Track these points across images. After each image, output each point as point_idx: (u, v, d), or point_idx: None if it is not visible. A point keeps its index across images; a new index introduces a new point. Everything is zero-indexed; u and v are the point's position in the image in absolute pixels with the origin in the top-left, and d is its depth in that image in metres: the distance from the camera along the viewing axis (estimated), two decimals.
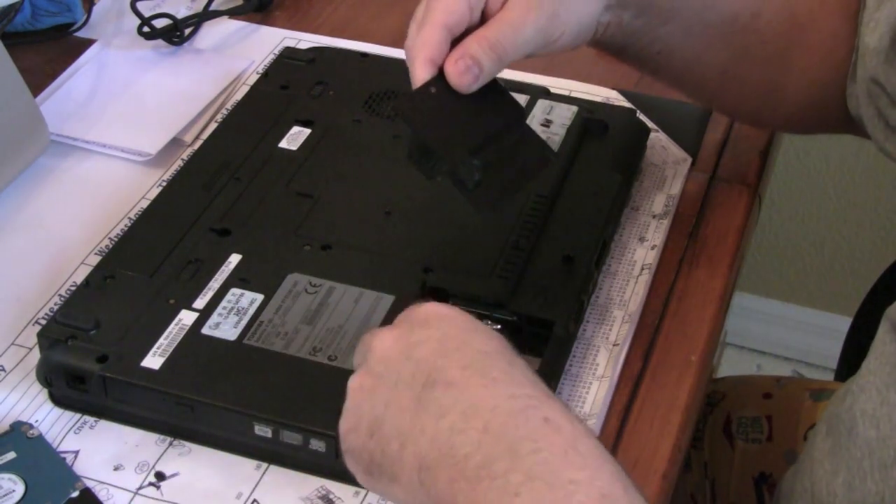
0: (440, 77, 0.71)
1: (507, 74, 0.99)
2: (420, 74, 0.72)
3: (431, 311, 0.62)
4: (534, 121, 0.89)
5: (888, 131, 0.78)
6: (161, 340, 0.72)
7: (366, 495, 0.68)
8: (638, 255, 0.83)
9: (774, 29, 0.80)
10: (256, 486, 0.69)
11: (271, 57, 1.02)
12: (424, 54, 0.72)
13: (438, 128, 0.71)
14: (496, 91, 0.73)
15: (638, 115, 0.92)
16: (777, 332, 1.93)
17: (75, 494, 0.68)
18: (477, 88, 0.71)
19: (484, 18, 0.72)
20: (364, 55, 0.98)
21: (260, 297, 0.75)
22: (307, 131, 0.89)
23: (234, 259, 0.78)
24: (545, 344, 0.73)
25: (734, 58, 0.81)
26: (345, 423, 0.61)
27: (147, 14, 1.03)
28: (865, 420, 0.73)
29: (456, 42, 0.72)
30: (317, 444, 0.67)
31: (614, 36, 0.78)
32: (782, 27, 0.81)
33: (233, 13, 1.08)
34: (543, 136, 0.87)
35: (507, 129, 0.73)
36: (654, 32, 0.79)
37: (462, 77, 0.71)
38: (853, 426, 0.74)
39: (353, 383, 0.61)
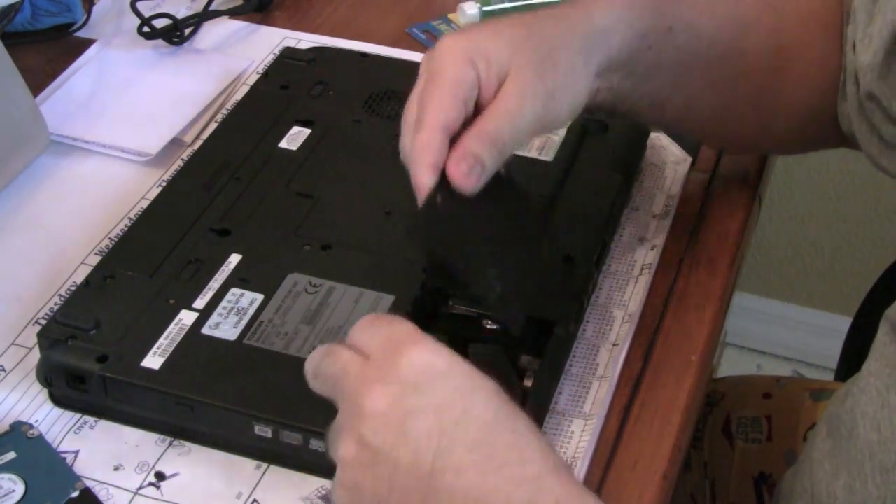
0: (442, 181, 0.68)
1: None
2: (425, 182, 0.68)
3: (423, 367, 0.59)
4: None
5: (882, 146, 0.78)
6: (161, 340, 0.72)
7: None
8: (638, 255, 0.83)
9: (761, 64, 0.80)
10: (256, 486, 0.69)
11: (271, 57, 1.02)
12: (426, 160, 0.68)
13: (453, 246, 0.70)
14: (499, 183, 0.71)
15: None
16: (777, 332, 1.93)
17: (75, 494, 0.68)
18: (482, 186, 0.69)
19: (478, 109, 0.70)
20: (364, 55, 0.98)
21: (260, 297, 0.75)
22: (307, 131, 0.89)
23: (234, 259, 0.78)
24: (545, 344, 0.73)
25: (724, 98, 0.81)
26: (346, 497, 0.59)
27: (147, 14, 1.03)
28: (866, 422, 0.73)
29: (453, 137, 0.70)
30: (317, 444, 0.67)
31: (605, 99, 0.76)
32: (768, 61, 0.80)
33: (233, 13, 1.08)
34: (543, 136, 0.87)
35: (519, 226, 0.72)
36: (643, 89, 0.78)
37: (467, 179, 0.68)
38: (853, 428, 0.74)
39: (345, 453, 0.59)
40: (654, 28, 0.76)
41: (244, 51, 1.04)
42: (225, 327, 0.73)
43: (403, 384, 0.59)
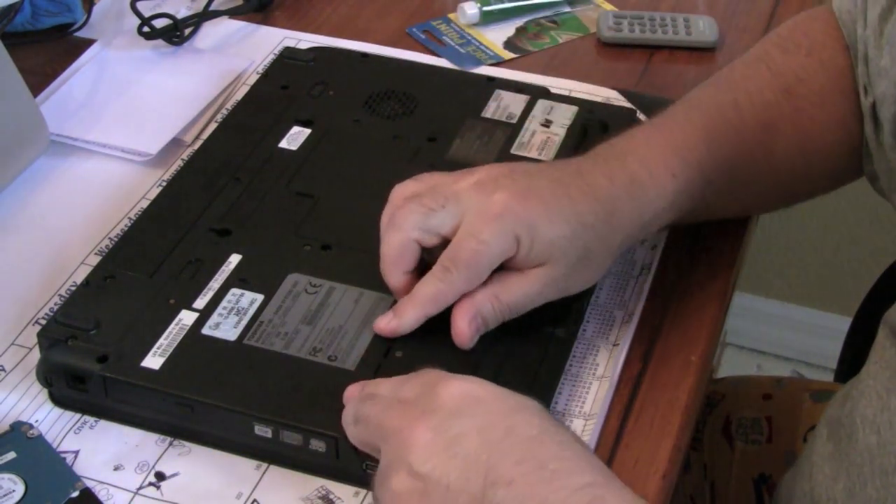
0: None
1: (508, 75, 0.99)
2: (406, 322, 0.71)
3: (461, 396, 0.61)
4: (534, 121, 0.89)
5: None
6: (161, 340, 0.72)
7: (366, 496, 0.68)
8: (638, 255, 0.83)
9: (790, 157, 0.81)
10: (256, 486, 0.69)
11: (271, 57, 1.02)
12: (423, 311, 0.70)
13: None
14: None
15: (638, 115, 0.92)
16: (777, 332, 1.93)
17: (75, 494, 0.68)
18: None
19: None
20: (364, 55, 0.98)
21: (260, 298, 0.75)
22: (307, 131, 0.89)
23: (234, 259, 0.78)
24: (545, 344, 0.73)
25: (757, 196, 0.83)
26: None
27: (147, 14, 1.03)
28: (866, 426, 0.73)
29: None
30: (317, 444, 0.67)
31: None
32: (796, 150, 0.81)
33: (233, 13, 1.08)
34: (543, 136, 0.87)
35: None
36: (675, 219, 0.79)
37: (468, 339, 0.70)
38: (853, 431, 0.74)
39: (398, 486, 0.60)
40: (696, 194, 0.77)
41: (244, 51, 1.04)
42: (225, 327, 0.73)
43: (444, 413, 0.61)
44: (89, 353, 0.71)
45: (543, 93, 0.93)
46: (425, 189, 0.71)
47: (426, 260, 0.72)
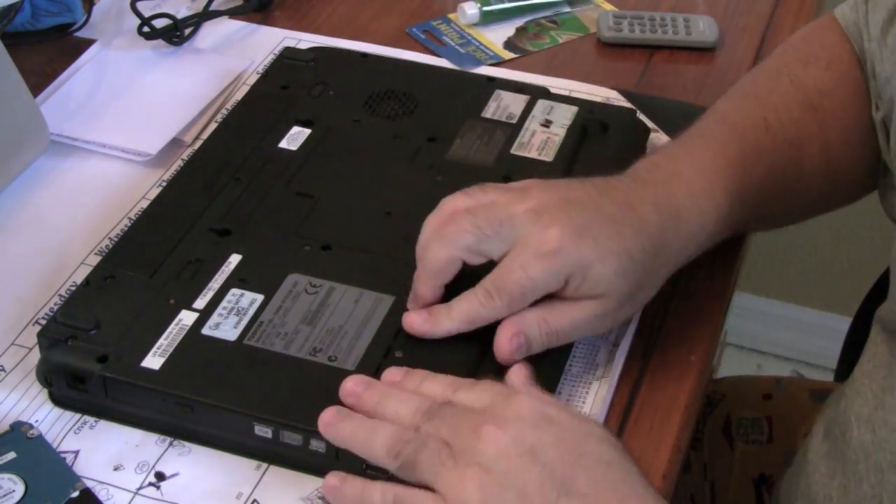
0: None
1: (508, 75, 0.99)
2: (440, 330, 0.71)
3: (538, 411, 0.63)
4: (534, 121, 0.89)
5: None
6: (161, 340, 0.72)
7: None
8: None
9: (818, 173, 0.82)
10: (256, 486, 0.69)
11: (271, 57, 1.02)
12: (458, 327, 0.71)
13: None
14: None
15: (638, 115, 0.92)
16: (777, 332, 1.93)
17: (75, 494, 0.68)
18: None
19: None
20: (364, 55, 0.98)
21: (260, 298, 0.75)
22: (307, 131, 0.89)
23: (234, 259, 0.78)
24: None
25: (787, 211, 0.85)
26: None
27: (147, 14, 1.03)
28: (861, 423, 0.73)
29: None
30: (317, 445, 0.67)
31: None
32: (823, 166, 0.82)
33: (233, 13, 1.08)
34: (543, 136, 0.87)
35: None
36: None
37: (511, 355, 0.69)
38: (847, 429, 0.74)
39: (468, 480, 0.61)
40: (734, 219, 0.77)
41: (244, 51, 1.04)
42: (225, 327, 0.73)
43: (523, 424, 0.62)
44: (89, 353, 0.71)
45: (543, 93, 0.92)
46: (478, 207, 0.71)
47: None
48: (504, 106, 0.91)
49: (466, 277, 0.71)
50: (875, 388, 0.73)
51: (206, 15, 1.07)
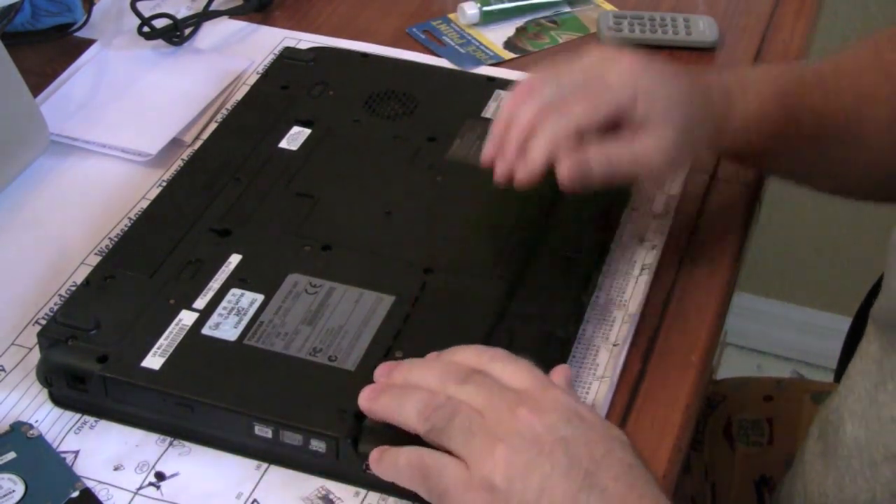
0: None
1: (508, 75, 0.99)
2: (536, 164, 0.74)
3: (572, 408, 0.65)
4: None
5: None
6: (161, 340, 0.72)
7: (366, 495, 0.68)
8: (638, 255, 0.83)
9: (876, 129, 0.83)
10: (256, 486, 0.69)
11: (271, 57, 1.02)
12: (548, 151, 0.73)
13: None
14: None
15: None
16: (777, 332, 1.93)
17: (75, 494, 0.68)
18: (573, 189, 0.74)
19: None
20: (364, 55, 0.98)
21: (260, 298, 0.75)
22: (307, 131, 0.89)
23: (234, 259, 0.78)
24: (545, 344, 0.73)
25: (834, 160, 0.85)
26: (487, 493, 0.62)
27: (147, 14, 1.03)
28: (854, 420, 0.73)
29: None
30: (317, 445, 0.67)
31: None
32: (884, 131, 0.83)
33: (233, 13, 1.08)
34: None
35: None
36: (755, 160, 0.85)
37: (570, 180, 0.73)
38: (841, 426, 0.74)
39: (498, 454, 0.62)
40: (782, 129, 0.80)
41: (244, 51, 1.04)
42: (225, 327, 0.73)
43: (555, 416, 0.64)
44: (89, 354, 0.71)
45: None
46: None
47: None
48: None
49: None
50: (867, 385, 0.73)
51: (206, 15, 1.07)
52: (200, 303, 0.74)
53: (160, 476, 0.70)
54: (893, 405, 0.70)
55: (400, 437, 0.66)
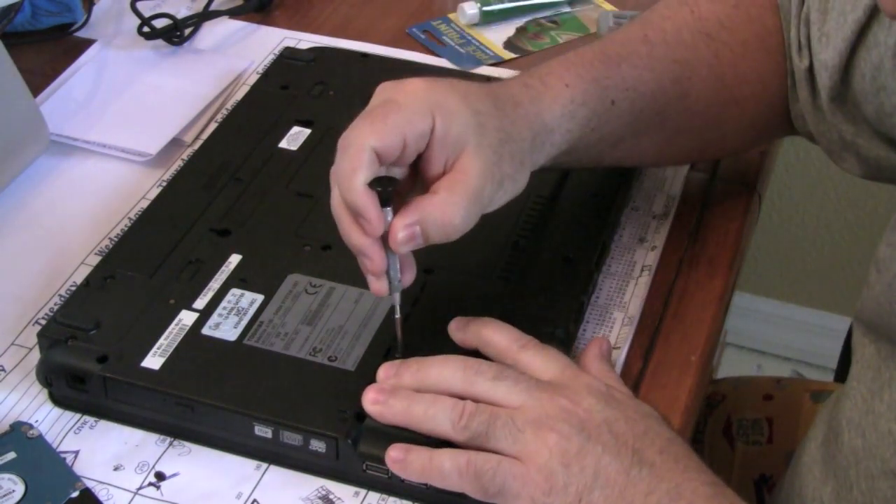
0: None
1: (508, 75, 0.99)
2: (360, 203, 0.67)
3: (605, 391, 0.67)
4: None
5: (841, 144, 0.79)
6: (161, 340, 0.72)
7: (366, 495, 0.68)
8: (638, 255, 0.83)
9: (704, 100, 0.80)
10: (256, 486, 0.69)
11: (271, 57, 1.02)
12: (359, 177, 0.67)
13: None
14: None
15: None
16: (777, 332, 1.93)
17: (75, 494, 0.68)
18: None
19: (421, 172, 0.69)
20: (364, 55, 0.98)
21: (260, 298, 0.75)
22: (307, 131, 0.89)
23: (234, 259, 0.78)
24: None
25: (668, 138, 0.82)
26: (547, 483, 0.63)
27: (147, 14, 1.03)
28: (851, 428, 0.72)
29: None
30: (317, 445, 0.67)
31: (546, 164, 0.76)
32: (711, 95, 0.80)
33: (233, 13, 1.08)
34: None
35: None
36: (587, 153, 0.78)
37: (401, 246, 0.67)
38: (839, 433, 0.74)
39: (551, 443, 0.64)
40: (596, 110, 0.76)
41: (244, 51, 1.04)
42: (225, 328, 0.73)
43: (593, 399, 0.66)
44: (89, 354, 0.71)
45: None
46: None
47: None
48: None
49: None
50: (864, 392, 0.72)
51: (206, 15, 1.07)
52: (200, 303, 0.74)
53: (160, 476, 0.70)
54: (890, 416, 0.70)
55: (401, 437, 0.66)
